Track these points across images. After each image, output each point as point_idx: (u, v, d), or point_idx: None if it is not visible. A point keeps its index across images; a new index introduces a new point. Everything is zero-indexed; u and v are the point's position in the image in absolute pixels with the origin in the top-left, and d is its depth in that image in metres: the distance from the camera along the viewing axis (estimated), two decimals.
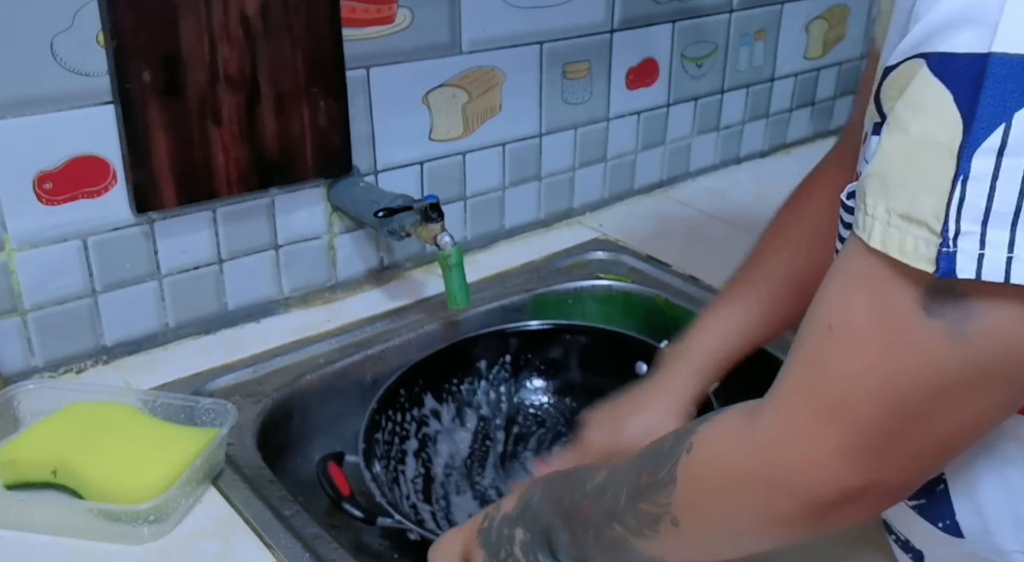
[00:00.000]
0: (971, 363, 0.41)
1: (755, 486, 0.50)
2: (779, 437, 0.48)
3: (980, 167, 0.37)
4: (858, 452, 0.46)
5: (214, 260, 0.97)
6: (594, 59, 1.21)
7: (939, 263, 0.39)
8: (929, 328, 0.41)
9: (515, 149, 1.18)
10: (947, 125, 0.39)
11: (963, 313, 0.40)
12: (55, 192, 0.85)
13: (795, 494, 0.48)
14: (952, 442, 0.47)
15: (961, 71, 0.38)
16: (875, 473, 0.46)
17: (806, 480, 0.47)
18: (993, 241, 0.37)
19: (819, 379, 0.47)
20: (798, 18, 1.45)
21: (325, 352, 0.96)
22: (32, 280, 0.86)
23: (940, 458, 0.48)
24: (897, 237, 0.41)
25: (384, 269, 1.11)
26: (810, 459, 0.47)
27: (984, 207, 0.37)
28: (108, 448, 0.75)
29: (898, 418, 0.44)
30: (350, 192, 1.01)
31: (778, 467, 0.48)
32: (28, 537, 0.71)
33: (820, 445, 0.46)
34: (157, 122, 0.86)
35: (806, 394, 0.48)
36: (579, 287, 1.12)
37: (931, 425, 0.45)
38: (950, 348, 0.41)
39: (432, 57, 1.05)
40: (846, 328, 0.45)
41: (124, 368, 0.92)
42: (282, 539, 0.70)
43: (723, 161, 1.48)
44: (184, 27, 0.85)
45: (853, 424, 0.45)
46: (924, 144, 0.40)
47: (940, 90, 0.39)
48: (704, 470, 0.53)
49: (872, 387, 0.44)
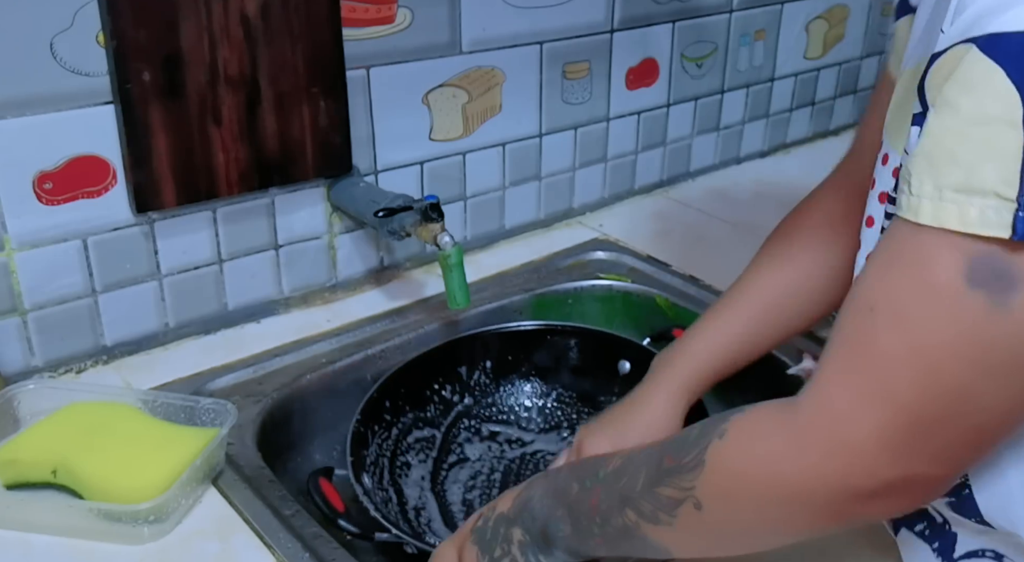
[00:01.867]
0: (1012, 336, 0.42)
1: (789, 470, 0.49)
2: (818, 421, 0.48)
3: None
4: (898, 437, 0.45)
5: (214, 260, 0.97)
6: (594, 59, 1.21)
7: (1016, 226, 0.39)
8: (971, 298, 0.42)
9: (515, 149, 1.18)
10: (1002, 98, 0.40)
11: (1006, 284, 0.41)
12: (55, 192, 0.85)
13: (829, 481, 0.47)
14: (991, 430, 0.46)
15: (1012, 47, 0.40)
16: (913, 462, 0.46)
17: (842, 466, 0.47)
18: None
19: (860, 360, 0.47)
20: (798, 18, 1.45)
21: (325, 352, 0.96)
22: (32, 280, 0.86)
23: (978, 449, 0.48)
24: (954, 210, 0.42)
25: (384, 269, 1.11)
26: (849, 444, 0.46)
27: None
28: (108, 448, 0.75)
29: (938, 401, 0.44)
30: (350, 192, 1.01)
31: (815, 451, 0.48)
32: (28, 537, 0.71)
33: (859, 428, 0.46)
34: (157, 122, 0.86)
35: (847, 376, 0.47)
36: (579, 287, 1.12)
37: (971, 408, 0.44)
38: (992, 319, 0.41)
39: (432, 57, 1.05)
40: (888, 307, 0.46)
41: (124, 368, 0.92)
42: (282, 539, 0.70)
43: (723, 161, 1.48)
44: (184, 27, 0.85)
45: (894, 406, 0.45)
46: (976, 119, 0.41)
47: (990, 67, 0.40)
48: (737, 454, 0.52)
49: (914, 366, 0.44)
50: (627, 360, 0.98)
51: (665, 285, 1.12)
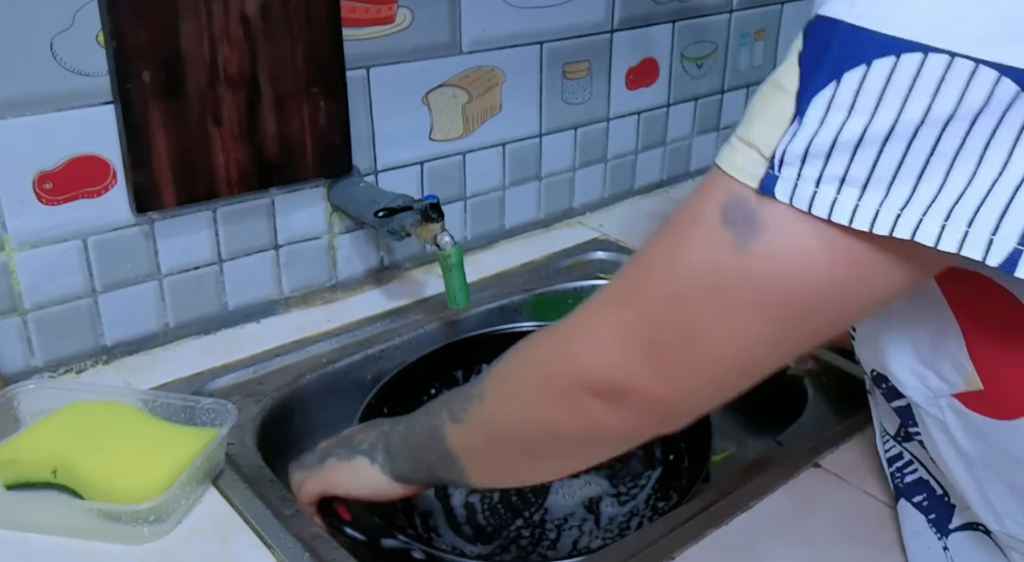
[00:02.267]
0: (747, 277, 0.45)
1: (546, 356, 0.56)
2: (581, 313, 0.54)
3: (813, 113, 0.42)
4: (631, 339, 0.49)
5: (214, 260, 0.97)
6: (594, 59, 1.21)
7: (764, 183, 0.44)
8: (722, 234, 0.45)
9: (515, 149, 1.18)
10: (791, 72, 0.44)
11: (751, 228, 0.44)
12: (55, 192, 0.85)
13: (571, 367, 0.52)
14: (716, 367, 0.49)
15: (817, 30, 0.44)
16: (638, 370, 0.49)
17: (582, 354, 0.51)
18: (806, 176, 0.42)
19: (631, 266, 0.52)
20: (798, 18, 1.45)
21: (325, 352, 0.96)
22: (32, 280, 0.86)
23: (702, 382, 0.50)
24: (730, 153, 0.46)
25: (384, 269, 1.11)
26: (593, 335, 0.51)
27: (805, 146, 0.42)
28: (108, 448, 0.75)
29: (671, 318, 0.48)
30: (350, 192, 1.01)
31: (568, 339, 0.53)
32: (28, 537, 0.71)
33: (604, 323, 0.51)
34: (157, 122, 0.86)
35: (618, 278, 0.53)
36: (579, 287, 1.12)
37: (699, 338, 0.48)
38: (731, 256, 0.45)
39: (432, 57, 1.05)
40: (668, 224, 0.50)
41: (124, 368, 0.92)
42: (282, 539, 0.70)
43: None
44: (184, 27, 0.85)
45: (636, 310, 0.49)
46: (772, 83, 0.45)
47: (799, 43, 0.44)
48: (523, 345, 0.59)
49: (662, 279, 0.48)
50: None
51: None
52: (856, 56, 0.41)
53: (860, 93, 0.41)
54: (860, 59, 0.41)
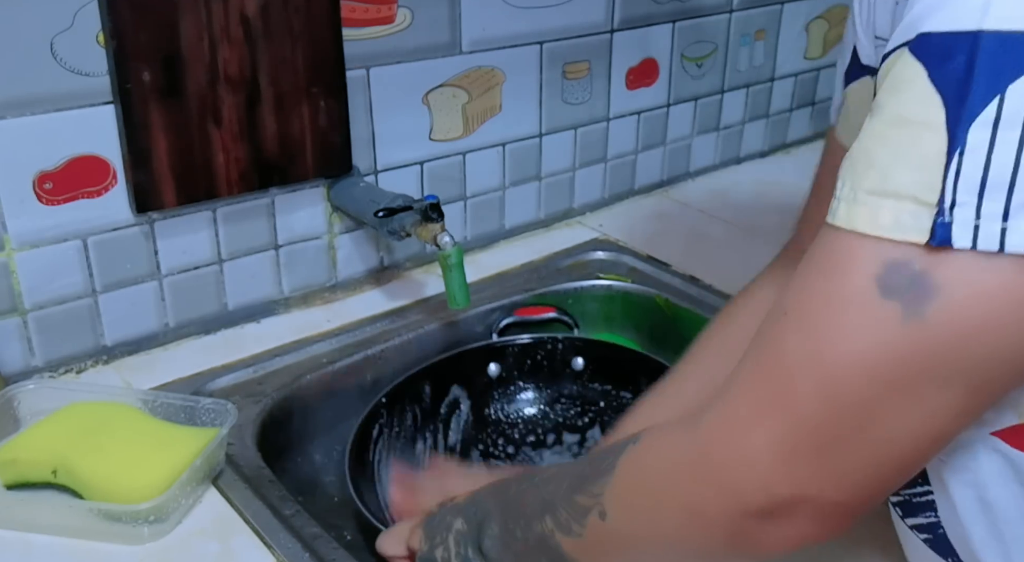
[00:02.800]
0: (927, 350, 0.39)
1: (686, 477, 0.47)
2: (718, 427, 0.46)
3: (977, 139, 0.37)
4: (794, 451, 0.43)
5: (214, 260, 0.97)
6: (594, 59, 1.21)
7: (935, 232, 0.38)
8: (884, 308, 0.39)
9: (515, 149, 1.18)
10: (922, 101, 0.39)
11: (921, 292, 0.39)
12: (55, 192, 0.85)
13: (723, 491, 0.45)
14: (897, 455, 0.43)
15: (936, 48, 0.39)
16: (808, 481, 0.43)
17: (735, 477, 0.45)
18: (988, 213, 0.37)
19: (765, 367, 0.45)
20: (798, 18, 1.45)
21: (325, 352, 0.96)
22: (32, 280, 0.86)
23: (883, 476, 0.44)
24: (866, 212, 0.40)
25: (384, 269, 1.11)
26: (743, 453, 0.44)
27: (980, 178, 0.37)
28: (108, 448, 0.75)
29: (840, 416, 0.42)
30: (350, 192, 1.01)
31: (711, 459, 0.46)
32: (28, 537, 0.71)
33: (756, 438, 0.44)
34: (157, 122, 0.86)
35: (751, 381, 0.45)
36: (579, 287, 1.12)
37: (876, 428, 0.42)
38: (904, 331, 0.39)
39: (432, 57, 1.05)
40: (798, 311, 0.44)
41: (124, 368, 0.92)
42: (282, 539, 0.70)
43: (723, 161, 1.48)
44: (184, 27, 0.85)
45: (792, 417, 0.43)
46: (895, 121, 0.40)
47: (916, 69, 0.39)
48: (643, 460, 0.51)
49: (815, 375, 0.42)
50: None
51: (665, 285, 1.12)
52: (1018, 64, 0.36)
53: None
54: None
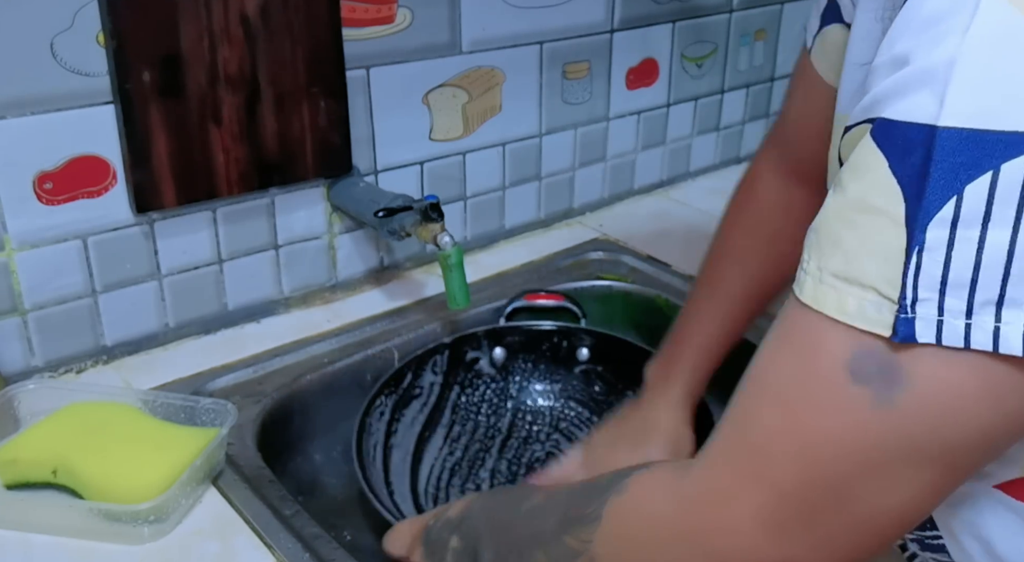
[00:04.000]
0: (897, 435, 0.40)
1: (674, 539, 0.49)
2: (703, 492, 0.47)
3: (935, 238, 0.37)
4: (775, 522, 0.44)
5: (214, 260, 0.97)
6: (594, 59, 1.21)
7: (897, 328, 0.38)
8: (855, 394, 0.40)
9: (515, 149, 1.18)
10: (884, 191, 0.38)
11: (891, 379, 0.39)
12: (55, 192, 0.85)
13: (710, 556, 0.47)
14: (878, 526, 0.44)
15: (900, 139, 0.38)
16: (792, 549, 0.44)
17: (723, 544, 0.46)
18: (951, 308, 0.37)
19: (744, 437, 0.46)
20: (798, 18, 1.45)
21: (325, 352, 0.96)
22: (32, 280, 0.86)
23: (865, 543, 0.45)
24: (834, 296, 0.40)
25: (384, 269, 1.11)
26: (728, 522, 0.45)
27: (940, 276, 0.37)
28: (108, 448, 0.75)
29: (818, 491, 0.43)
30: (350, 192, 1.01)
31: (698, 524, 0.47)
32: (28, 537, 0.71)
33: (738, 508, 0.45)
34: (157, 122, 0.86)
35: (732, 452, 0.46)
36: (579, 287, 1.12)
37: (853, 503, 0.42)
38: (876, 417, 0.40)
39: (432, 57, 1.05)
40: (774, 386, 0.44)
41: (124, 368, 0.92)
42: (282, 539, 0.70)
43: (723, 161, 1.48)
44: (184, 27, 0.85)
45: (772, 490, 0.44)
46: (858, 207, 0.40)
47: (877, 156, 0.39)
48: (630, 513, 0.52)
49: (794, 453, 0.43)
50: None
51: (665, 285, 1.12)
52: (974, 164, 0.36)
53: (993, 203, 0.36)
54: (982, 166, 0.36)
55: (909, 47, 0.39)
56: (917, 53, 0.38)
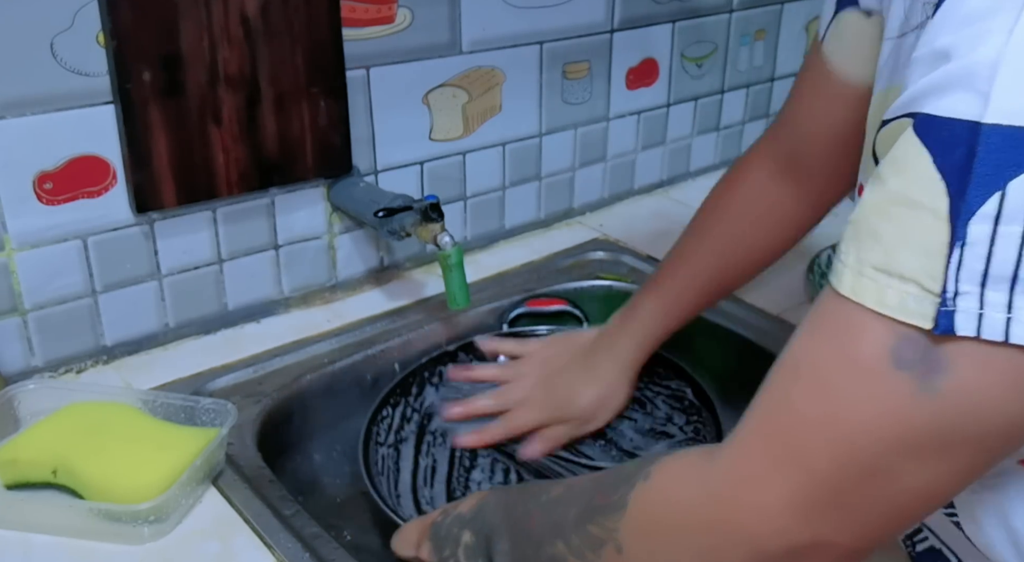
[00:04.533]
0: (938, 421, 0.41)
1: (703, 524, 0.49)
2: (733, 477, 0.48)
3: (977, 233, 0.38)
4: (808, 504, 0.45)
5: (214, 260, 0.97)
6: (594, 59, 1.21)
7: (938, 320, 0.39)
8: (897, 380, 0.41)
9: (515, 149, 1.18)
10: (927, 186, 0.39)
11: (933, 367, 0.40)
12: (55, 192, 0.85)
13: (741, 540, 0.47)
14: (907, 507, 0.45)
15: (943, 134, 0.39)
16: (823, 530, 0.45)
17: (753, 526, 0.47)
18: (991, 302, 0.38)
19: (779, 422, 0.46)
20: (798, 18, 1.45)
21: (325, 352, 0.96)
22: (32, 280, 0.86)
23: (893, 524, 0.46)
24: (874, 289, 0.41)
25: (384, 269, 1.11)
26: (759, 504, 0.46)
27: (982, 270, 0.38)
28: (108, 448, 0.75)
29: (853, 473, 0.44)
30: (350, 192, 1.01)
31: (728, 508, 0.48)
32: (28, 537, 0.71)
33: (771, 491, 0.46)
34: (157, 122, 0.86)
35: (765, 436, 0.47)
36: (579, 287, 1.12)
37: (887, 485, 0.44)
38: (918, 403, 0.41)
39: (432, 57, 1.05)
40: (811, 372, 0.45)
41: (124, 368, 0.92)
42: (282, 539, 0.70)
43: (723, 161, 1.48)
44: (184, 27, 0.85)
45: (806, 473, 0.45)
46: (899, 201, 0.41)
47: (920, 150, 0.40)
48: (657, 499, 0.53)
49: (830, 437, 0.44)
50: None
51: None
52: (1019, 161, 0.37)
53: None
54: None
55: (951, 42, 0.40)
56: (959, 49, 0.39)
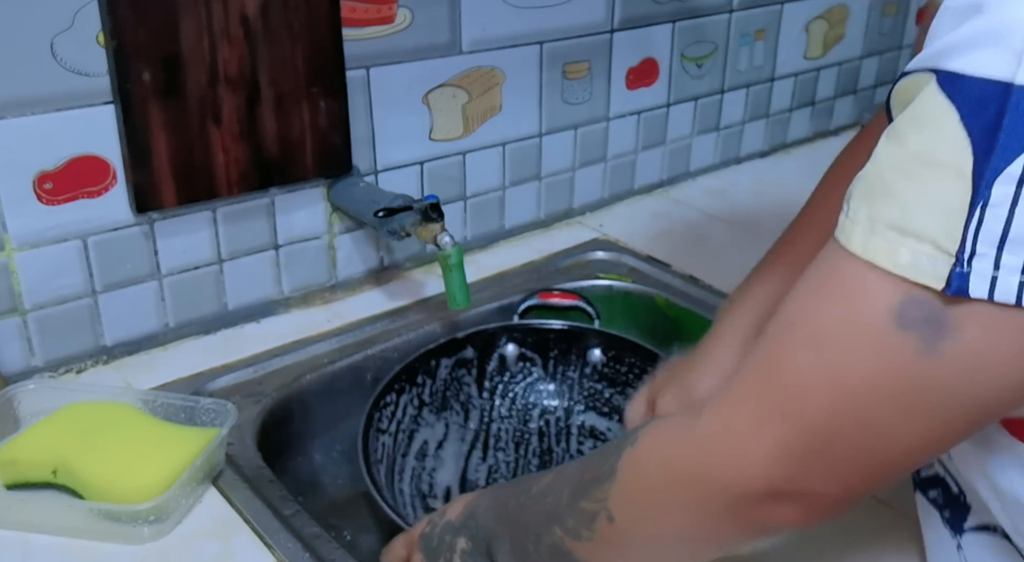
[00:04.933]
0: (937, 382, 0.41)
1: (689, 477, 0.50)
2: (720, 430, 0.48)
3: (1000, 194, 0.37)
4: (796, 455, 0.45)
5: (214, 260, 0.97)
6: (594, 59, 1.21)
7: (951, 281, 0.39)
8: (900, 339, 0.41)
9: (515, 149, 1.18)
10: (952, 144, 0.38)
11: (938, 329, 0.40)
12: (55, 192, 0.85)
13: (725, 488, 0.48)
14: (894, 462, 0.45)
15: (972, 92, 0.38)
16: (810, 479, 0.46)
17: (737, 474, 0.47)
18: (1007, 265, 0.37)
19: (773, 377, 0.46)
20: (798, 18, 1.45)
21: (325, 352, 0.96)
22: (32, 280, 0.86)
23: (877, 477, 0.47)
24: (885, 247, 0.41)
25: (384, 269, 1.11)
26: (746, 453, 0.46)
27: (1001, 232, 0.38)
28: (108, 448, 0.75)
29: (845, 427, 0.44)
30: (350, 192, 1.01)
31: (713, 458, 0.48)
32: (28, 537, 0.71)
33: (759, 441, 0.46)
34: (157, 122, 0.86)
35: (757, 391, 0.47)
36: (579, 287, 1.12)
37: (877, 440, 0.44)
38: (918, 362, 0.41)
39: (432, 57, 1.05)
40: (809, 328, 0.45)
41: (124, 368, 0.92)
42: (282, 539, 0.70)
43: (723, 161, 1.48)
44: (184, 27, 0.85)
45: (799, 426, 0.45)
46: (920, 159, 0.40)
47: (946, 108, 0.39)
48: (643, 461, 0.53)
49: (826, 391, 0.44)
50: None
51: (665, 285, 1.12)
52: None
53: None
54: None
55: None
56: (993, 2, 0.38)
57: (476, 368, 0.98)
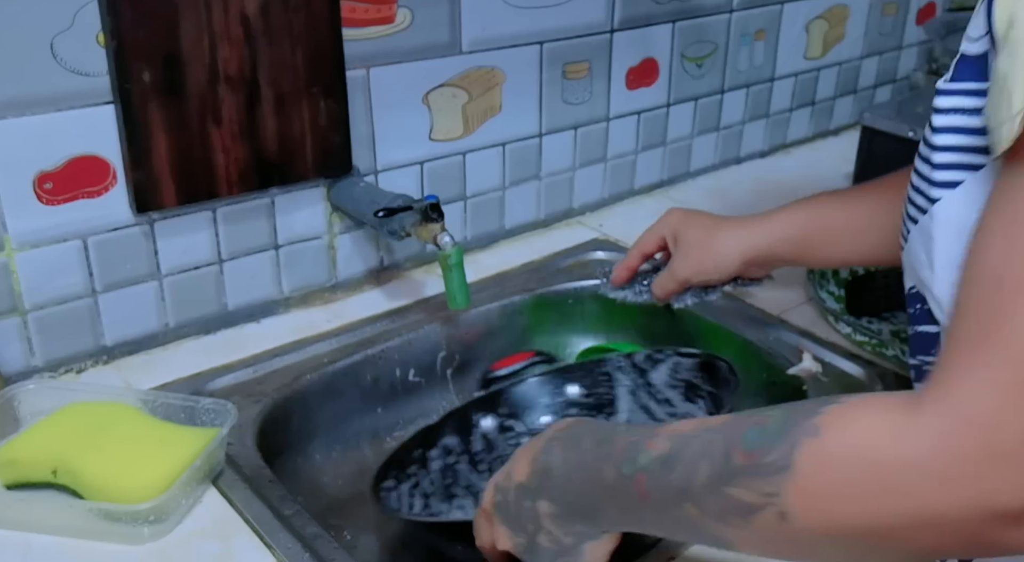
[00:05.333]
0: None
1: (913, 479, 0.40)
2: (951, 422, 0.39)
3: None
4: None
5: (214, 260, 0.97)
6: (594, 59, 1.21)
7: None
8: None
9: (515, 149, 1.18)
10: None
11: None
12: (55, 192, 0.85)
13: (969, 498, 0.39)
14: None
15: None
16: None
17: (987, 477, 0.38)
18: None
19: (997, 348, 0.39)
20: (798, 18, 1.45)
21: (325, 352, 0.96)
22: (32, 280, 0.86)
23: None
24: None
25: (384, 269, 1.12)
26: (994, 452, 0.38)
27: None
28: (108, 448, 0.75)
29: None
30: (350, 192, 1.01)
31: (949, 462, 0.39)
32: (28, 537, 0.71)
33: (1007, 432, 0.38)
34: (157, 122, 0.86)
35: (982, 368, 0.39)
36: (579, 287, 1.12)
37: None
38: None
39: (432, 57, 1.05)
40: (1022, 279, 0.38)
41: (124, 368, 0.92)
42: (282, 539, 0.70)
43: (723, 161, 1.48)
44: (184, 27, 0.85)
45: None
46: None
47: None
48: (840, 460, 0.43)
49: None
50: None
51: None
52: None
53: None
54: None
55: None
56: None
57: (465, 453, 0.91)
